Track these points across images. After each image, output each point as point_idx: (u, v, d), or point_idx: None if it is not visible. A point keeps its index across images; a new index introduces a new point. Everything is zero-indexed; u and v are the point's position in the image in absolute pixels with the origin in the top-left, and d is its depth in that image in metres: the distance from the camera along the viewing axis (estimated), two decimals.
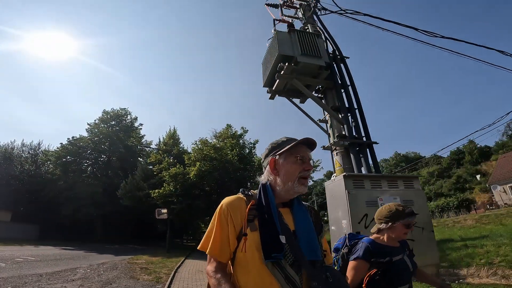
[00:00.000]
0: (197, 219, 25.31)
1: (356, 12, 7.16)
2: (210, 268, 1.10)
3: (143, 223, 27.87)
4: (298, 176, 1.17)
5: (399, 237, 1.77)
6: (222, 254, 1.10)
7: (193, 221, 26.72)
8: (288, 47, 4.63)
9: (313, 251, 1.10)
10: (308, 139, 1.22)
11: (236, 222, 1.10)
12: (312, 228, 1.18)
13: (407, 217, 1.74)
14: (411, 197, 3.77)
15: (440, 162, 51.06)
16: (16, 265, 8.74)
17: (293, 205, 1.22)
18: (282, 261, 1.03)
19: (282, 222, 1.12)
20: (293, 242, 1.08)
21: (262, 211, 1.12)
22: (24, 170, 27.55)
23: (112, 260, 12.17)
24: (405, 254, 1.80)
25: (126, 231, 28.92)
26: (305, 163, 1.19)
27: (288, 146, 1.19)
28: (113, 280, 7.54)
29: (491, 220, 19.73)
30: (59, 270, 8.44)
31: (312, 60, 4.60)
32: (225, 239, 1.10)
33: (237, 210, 1.13)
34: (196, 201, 17.95)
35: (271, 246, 1.02)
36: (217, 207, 1.15)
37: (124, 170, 28.74)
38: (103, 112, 32.27)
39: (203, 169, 16.61)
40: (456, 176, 41.16)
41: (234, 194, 3.90)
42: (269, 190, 1.19)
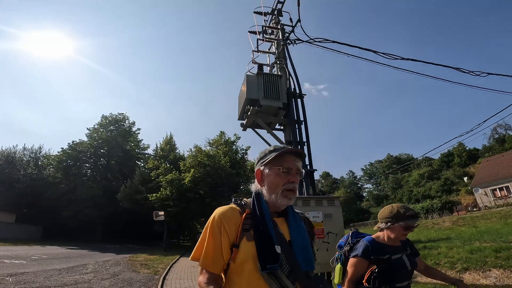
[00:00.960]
0: (192, 220, 26.92)
1: (325, 40, 8.74)
2: (202, 280, 1.09)
3: (141, 224, 29.39)
4: (282, 189, 1.15)
5: (398, 237, 1.81)
6: (215, 265, 1.09)
7: (189, 222, 28.29)
8: (255, 91, 6.21)
9: (308, 261, 1.11)
10: (291, 149, 1.21)
11: (230, 232, 1.09)
12: (307, 238, 1.19)
13: (407, 220, 1.76)
14: (331, 212, 5.31)
15: (431, 164, 52.89)
16: (35, 262, 10.30)
17: (288, 214, 1.21)
18: (278, 271, 1.02)
19: (278, 231, 1.11)
20: (289, 252, 1.07)
21: (257, 221, 1.11)
22: (27, 174, 29.04)
23: (115, 258, 13.76)
24: (405, 253, 1.83)
25: (125, 231, 30.42)
26: (290, 174, 1.17)
27: (271, 157, 1.19)
28: (119, 273, 9.14)
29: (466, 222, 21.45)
30: (72, 266, 10.02)
31: (272, 102, 6.18)
32: (218, 250, 1.09)
33: (231, 220, 1.11)
34: (191, 204, 19.57)
35: (267, 256, 1.02)
36: (210, 209, 1.87)
37: (123, 174, 30.27)
38: (102, 117, 33.76)
39: (197, 176, 18.20)
40: (444, 178, 42.95)
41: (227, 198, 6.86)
42: (262, 199, 1.18)
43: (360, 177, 75.62)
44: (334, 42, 8.29)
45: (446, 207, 29.92)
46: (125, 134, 33.73)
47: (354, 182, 74.32)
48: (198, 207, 20.40)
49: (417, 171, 52.68)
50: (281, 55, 7.96)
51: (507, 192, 28.30)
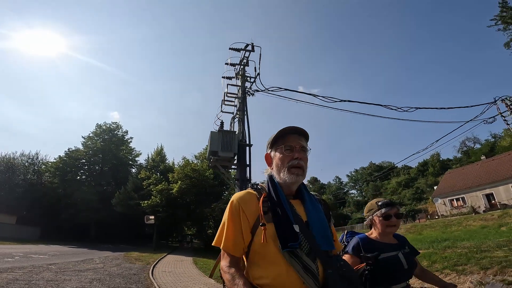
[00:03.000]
0: (179, 224, 30.50)
1: (278, 88, 12.57)
2: (224, 263, 1.14)
3: (133, 226, 32.77)
4: (287, 166, 1.21)
5: (384, 231, 1.79)
6: (236, 248, 1.14)
7: (176, 225, 31.86)
8: (215, 145, 9.94)
9: (327, 240, 1.15)
10: (292, 127, 1.27)
11: (250, 215, 1.15)
12: (324, 218, 1.22)
13: (381, 208, 1.78)
14: None
15: (409, 172, 57.59)
16: (54, 256, 13.83)
17: (303, 196, 1.26)
18: (299, 250, 1.06)
19: (295, 212, 1.16)
20: (307, 232, 1.12)
21: (274, 203, 1.16)
22: (26, 179, 32.18)
23: (113, 254, 17.33)
24: (401, 251, 1.79)
25: (117, 233, 33.69)
26: (293, 151, 1.23)
27: (273, 138, 1.29)
28: (120, 264, 12.77)
29: (416, 230, 25.69)
30: (83, 259, 13.58)
31: (227, 153, 9.95)
32: (239, 234, 1.14)
33: (249, 204, 1.18)
34: (178, 210, 23.27)
35: (287, 236, 1.06)
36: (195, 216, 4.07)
37: (116, 180, 33.68)
38: (96, 126, 37.10)
39: (184, 187, 21.91)
40: (415, 187, 47.51)
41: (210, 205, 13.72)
42: (276, 181, 1.25)
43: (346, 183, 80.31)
44: (286, 90, 12.18)
45: (410, 214, 34.16)
46: (118, 142, 37.09)
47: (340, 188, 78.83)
48: (184, 213, 24.15)
49: (395, 179, 57.30)
50: (240, 108, 11.80)
51: (463, 203, 32.70)
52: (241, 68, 12.19)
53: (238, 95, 11.82)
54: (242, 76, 12.06)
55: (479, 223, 21.57)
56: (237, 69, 12.36)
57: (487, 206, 29.85)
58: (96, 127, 36.95)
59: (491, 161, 33.53)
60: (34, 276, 7.61)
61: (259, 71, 11.76)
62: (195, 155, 25.97)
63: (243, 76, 12.03)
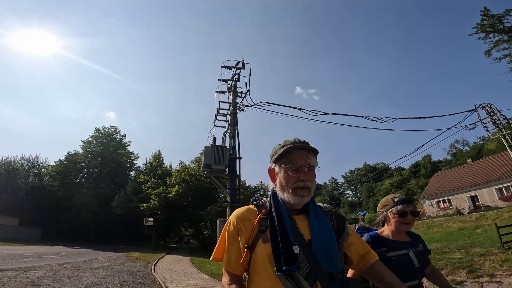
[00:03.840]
0: (177, 225, 32.10)
1: (267, 103, 14.14)
2: (225, 281, 1.16)
3: (132, 227, 34.28)
4: (292, 187, 1.15)
5: (398, 228, 1.75)
6: (235, 267, 1.14)
7: (174, 227, 33.44)
8: (209, 159, 11.52)
9: (331, 261, 1.08)
10: (300, 144, 1.19)
11: (247, 233, 1.13)
12: (331, 235, 1.15)
13: (397, 205, 1.72)
14: None
15: (401, 174, 59.50)
16: (63, 256, 15.36)
17: (309, 211, 1.19)
18: (296, 273, 1.02)
19: (297, 231, 1.11)
20: (309, 252, 1.06)
21: (273, 221, 1.11)
22: (28, 182, 33.59)
23: (115, 254, 18.88)
24: (413, 250, 1.75)
25: (116, 234, 35.17)
26: (300, 172, 1.15)
27: (279, 154, 1.20)
28: (123, 262, 14.33)
29: None
30: (90, 259, 15.12)
31: (219, 166, 11.54)
32: (237, 252, 1.14)
33: (247, 222, 1.16)
34: (176, 213, 24.86)
35: (283, 258, 1.02)
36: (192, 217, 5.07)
37: (115, 183, 35.18)
38: (95, 130, 38.54)
39: (181, 190, 23.49)
40: (406, 188, 49.39)
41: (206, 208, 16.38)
42: (279, 197, 1.19)
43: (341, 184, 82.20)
44: (274, 105, 13.77)
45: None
46: (117, 146, 38.54)
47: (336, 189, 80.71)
48: (181, 214, 25.77)
49: (388, 180, 59.19)
50: (232, 123, 13.39)
51: (449, 204, 34.55)
52: (232, 83, 13.78)
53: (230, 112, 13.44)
54: (233, 92, 13.63)
55: (458, 225, 23.31)
56: (229, 84, 13.98)
57: (471, 208, 31.67)
58: (94, 131, 38.39)
59: (476, 164, 35.38)
60: (55, 273, 9.17)
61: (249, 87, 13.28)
62: (191, 160, 27.56)
63: (235, 92, 13.62)
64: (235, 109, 13.33)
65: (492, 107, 19.49)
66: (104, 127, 38.80)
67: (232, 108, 13.44)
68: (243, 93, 13.66)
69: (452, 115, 15.47)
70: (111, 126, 39.30)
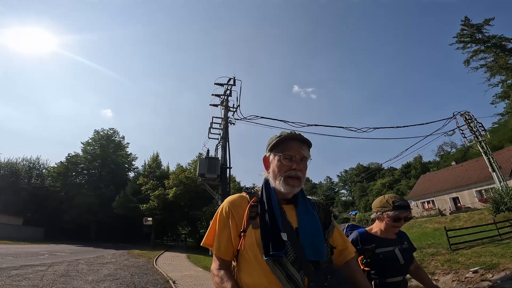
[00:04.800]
0: (174, 225, 34.19)
1: (256, 116, 16.18)
2: (214, 266, 1.20)
3: (131, 226, 36.27)
4: (284, 175, 1.20)
5: (388, 229, 1.85)
6: (226, 252, 1.19)
7: (172, 226, 35.53)
8: (203, 168, 13.59)
9: (316, 250, 1.12)
10: (295, 135, 1.26)
11: (238, 219, 1.18)
12: (317, 225, 1.20)
13: (395, 210, 1.79)
14: None
15: (393, 174, 61.91)
16: (72, 254, 17.35)
17: (297, 201, 1.25)
18: (284, 258, 1.07)
19: (285, 219, 1.16)
20: (295, 240, 1.12)
21: (263, 208, 1.17)
22: (30, 183, 35.42)
23: (117, 252, 20.92)
24: (399, 247, 1.85)
25: (116, 233, 37.15)
26: (293, 161, 1.21)
27: (273, 143, 1.27)
28: (127, 259, 16.36)
29: None
30: (97, 256, 17.12)
31: (212, 175, 13.61)
32: (228, 238, 1.19)
33: (239, 208, 1.21)
34: (173, 213, 26.94)
35: (271, 243, 1.06)
36: (188, 217, 6.37)
37: (115, 183, 37.10)
38: (95, 132, 40.38)
39: (178, 192, 25.53)
40: (396, 188, 51.77)
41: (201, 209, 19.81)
42: (270, 186, 1.25)
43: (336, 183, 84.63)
44: (262, 118, 15.86)
45: None
46: (116, 148, 40.42)
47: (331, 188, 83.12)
48: (179, 214, 27.90)
49: (380, 180, 61.57)
50: (223, 136, 15.43)
51: (432, 205, 36.91)
52: (224, 98, 15.79)
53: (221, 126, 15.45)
54: (225, 107, 15.66)
55: (434, 226, 25.43)
56: (222, 99, 15.97)
57: (453, 209, 34.01)
58: (94, 133, 40.23)
59: (460, 166, 37.70)
60: (75, 267, 11.18)
61: (239, 102, 15.41)
62: (188, 163, 29.59)
63: (226, 107, 15.64)
64: (226, 123, 15.42)
65: (470, 115, 21.60)
66: (103, 129, 40.71)
67: (224, 122, 15.53)
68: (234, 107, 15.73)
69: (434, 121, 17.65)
70: (110, 128, 41.27)
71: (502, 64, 23.71)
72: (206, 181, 13.87)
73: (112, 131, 41.32)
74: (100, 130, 40.51)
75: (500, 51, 24.48)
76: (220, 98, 16.03)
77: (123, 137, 41.68)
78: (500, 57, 24.44)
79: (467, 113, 20.84)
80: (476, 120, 20.68)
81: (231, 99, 15.98)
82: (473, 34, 27.25)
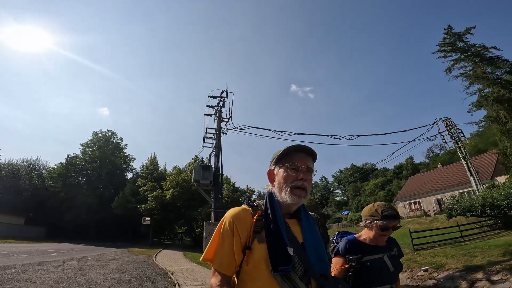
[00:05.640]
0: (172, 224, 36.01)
1: (246, 126, 17.99)
2: (215, 282, 1.16)
3: (129, 226, 38.02)
4: (290, 186, 1.22)
5: (376, 238, 1.87)
6: (228, 267, 1.16)
7: (169, 225, 37.36)
8: (198, 175, 15.38)
9: (323, 264, 1.16)
10: (300, 146, 1.29)
11: (242, 234, 1.16)
12: (320, 240, 1.25)
13: (383, 220, 1.81)
14: None
15: (385, 175, 64.08)
16: (78, 252, 19.07)
17: (300, 216, 1.28)
18: (292, 273, 1.07)
19: (290, 233, 1.18)
20: (303, 254, 1.14)
21: (268, 222, 1.17)
22: (32, 184, 37.02)
23: (118, 250, 22.70)
24: (388, 254, 1.88)
25: (114, 232, 38.88)
26: (299, 172, 1.24)
27: (279, 155, 1.30)
28: (129, 256, 18.14)
29: None
30: (101, 253, 18.87)
31: (206, 181, 15.42)
32: (231, 253, 1.16)
33: (242, 222, 1.19)
34: (170, 213, 28.76)
35: (279, 258, 1.07)
36: (185, 217, 7.66)
37: (113, 184, 38.79)
38: (93, 134, 41.96)
39: (175, 194, 27.34)
40: (387, 189, 53.95)
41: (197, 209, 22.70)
42: (274, 199, 1.26)
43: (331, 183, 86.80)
44: (252, 127, 17.67)
45: None
46: (114, 149, 42.04)
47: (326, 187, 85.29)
48: (176, 215, 29.74)
49: (373, 180, 63.74)
50: (216, 145, 17.24)
51: (419, 206, 39.01)
52: (217, 109, 17.55)
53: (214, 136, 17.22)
54: (218, 118, 17.42)
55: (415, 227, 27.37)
56: (215, 109, 17.74)
57: (437, 210, 36.11)
58: (93, 135, 41.85)
59: (445, 169, 39.80)
60: (85, 263, 12.95)
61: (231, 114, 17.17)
62: (185, 165, 31.38)
63: (219, 118, 17.40)
64: (219, 133, 17.24)
65: (451, 121, 23.57)
66: (101, 130, 42.34)
67: (217, 132, 17.36)
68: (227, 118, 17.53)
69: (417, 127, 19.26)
70: (108, 129, 42.84)
71: (479, 74, 25.23)
72: (201, 187, 15.65)
73: (111, 133, 42.95)
74: (98, 132, 42.18)
75: (479, 60, 26.00)
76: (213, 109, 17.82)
77: (121, 138, 43.39)
78: (478, 66, 25.91)
79: (448, 120, 22.79)
80: (456, 126, 22.63)
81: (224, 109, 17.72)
82: (454, 42, 28.02)
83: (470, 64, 27.07)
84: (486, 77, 25.42)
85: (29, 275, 8.50)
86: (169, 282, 9.15)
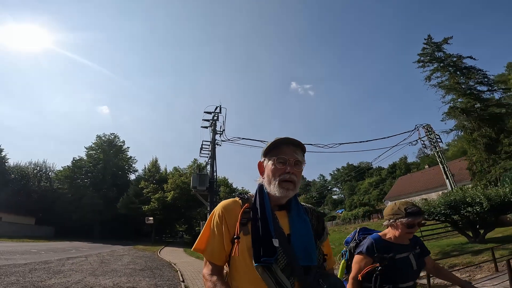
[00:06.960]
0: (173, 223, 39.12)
1: (238, 138, 20.88)
2: (206, 271, 1.22)
3: (132, 225, 41.06)
4: (278, 179, 1.24)
5: (402, 236, 1.90)
6: (218, 257, 1.22)
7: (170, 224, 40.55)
8: (195, 182, 18.22)
9: (307, 255, 1.17)
10: (288, 139, 1.30)
11: (231, 225, 1.21)
12: (309, 231, 1.24)
13: (408, 217, 1.85)
14: None
15: (380, 174, 67.01)
16: (90, 249, 22.02)
17: (290, 207, 1.29)
18: (273, 265, 1.10)
19: (277, 225, 1.20)
20: (287, 246, 1.15)
21: (256, 214, 1.21)
22: (40, 186, 40.09)
23: (125, 247, 25.69)
24: (412, 253, 1.92)
25: (118, 231, 41.94)
26: (287, 165, 1.25)
27: (267, 147, 1.33)
28: (136, 252, 21.12)
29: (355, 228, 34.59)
30: (111, 250, 21.81)
31: (202, 187, 18.28)
32: (220, 243, 1.21)
33: (232, 213, 1.23)
34: (172, 213, 31.83)
35: (262, 250, 1.10)
36: (185, 217, 10.15)
37: (117, 185, 41.84)
38: (97, 137, 44.94)
39: (176, 195, 30.37)
40: (380, 188, 56.90)
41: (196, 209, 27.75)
42: (264, 192, 1.29)
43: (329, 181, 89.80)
44: (243, 139, 20.56)
45: (366, 215, 43.17)
46: (117, 152, 45.01)
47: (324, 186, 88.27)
48: (177, 214, 32.91)
49: (368, 179, 66.68)
50: (211, 155, 20.13)
51: None
52: (212, 122, 20.35)
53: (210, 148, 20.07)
54: (213, 131, 20.25)
55: None
56: (210, 123, 20.55)
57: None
58: (96, 138, 44.81)
59: (431, 170, 42.55)
60: (104, 257, 15.90)
61: (224, 127, 20.02)
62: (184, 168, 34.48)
63: (214, 131, 20.22)
64: (214, 145, 20.16)
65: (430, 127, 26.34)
66: (105, 134, 45.32)
67: (212, 144, 20.27)
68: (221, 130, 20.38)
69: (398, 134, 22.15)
70: (111, 133, 45.83)
71: (452, 85, 27.50)
72: (198, 192, 18.56)
73: (113, 136, 45.90)
74: (102, 135, 45.11)
75: (453, 71, 28.13)
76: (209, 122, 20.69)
77: (124, 141, 46.32)
78: (453, 76, 28.19)
79: (428, 126, 25.50)
80: (434, 132, 25.36)
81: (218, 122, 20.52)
82: (433, 52, 28.60)
83: (446, 74, 28.89)
84: (458, 88, 27.47)
85: (68, 267, 11.40)
86: (173, 269, 12.10)
